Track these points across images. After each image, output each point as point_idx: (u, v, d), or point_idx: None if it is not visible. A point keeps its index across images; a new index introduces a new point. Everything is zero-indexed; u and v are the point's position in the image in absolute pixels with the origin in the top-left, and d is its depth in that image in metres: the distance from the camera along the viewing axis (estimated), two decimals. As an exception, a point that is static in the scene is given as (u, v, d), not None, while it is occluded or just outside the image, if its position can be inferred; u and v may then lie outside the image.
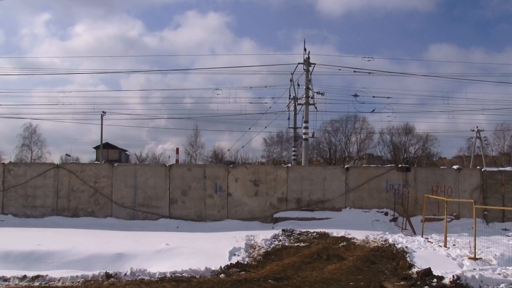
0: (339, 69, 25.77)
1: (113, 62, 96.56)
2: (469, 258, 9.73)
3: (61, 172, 16.08)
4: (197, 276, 8.37)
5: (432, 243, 11.65)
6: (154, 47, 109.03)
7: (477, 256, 9.82)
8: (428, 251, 10.62)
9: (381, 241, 11.89)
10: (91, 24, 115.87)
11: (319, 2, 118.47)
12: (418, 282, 7.88)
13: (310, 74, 24.19)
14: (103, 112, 38.23)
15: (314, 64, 24.05)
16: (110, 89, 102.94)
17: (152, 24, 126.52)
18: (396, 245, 11.12)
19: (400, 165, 16.76)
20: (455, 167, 17.11)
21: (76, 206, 15.97)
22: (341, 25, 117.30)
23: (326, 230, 13.45)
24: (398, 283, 8.01)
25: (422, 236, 12.63)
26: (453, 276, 7.84)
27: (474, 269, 8.70)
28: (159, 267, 8.94)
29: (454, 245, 11.34)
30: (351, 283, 8.06)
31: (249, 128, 27.47)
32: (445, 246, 11.13)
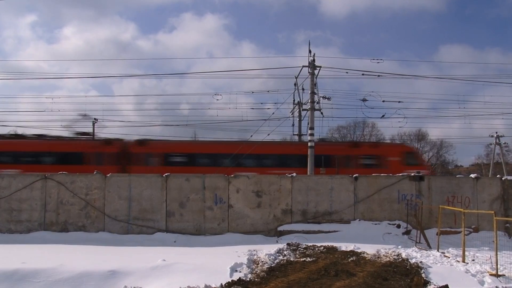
0: (346, 72, 25.56)
1: (105, 66, 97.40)
2: (490, 275, 9.58)
3: (49, 184, 16.04)
4: (195, 295, 8.27)
5: (449, 258, 11.53)
6: (148, 51, 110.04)
7: (499, 273, 9.65)
8: (445, 267, 10.51)
9: (394, 255, 11.78)
10: (80, 27, 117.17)
11: (322, 3, 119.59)
12: (435, 301, 7.77)
13: (316, 78, 24.17)
14: (94, 119, 38.28)
15: (320, 67, 24.01)
16: (102, 94, 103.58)
17: (146, 26, 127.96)
18: (409, 260, 11.02)
19: (412, 174, 16.64)
20: (472, 175, 16.93)
21: (66, 220, 15.89)
22: (345, 27, 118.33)
23: (334, 244, 13.38)
24: (413, 302, 7.89)
25: (437, 251, 12.51)
26: (473, 294, 7.72)
27: (496, 287, 8.60)
28: (155, 285, 8.87)
29: (473, 260, 11.23)
30: (362, 302, 7.95)
31: (251, 136, 27.35)
32: (463, 261, 11.00)
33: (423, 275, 9.61)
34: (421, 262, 10.76)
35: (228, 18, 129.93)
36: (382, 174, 17.04)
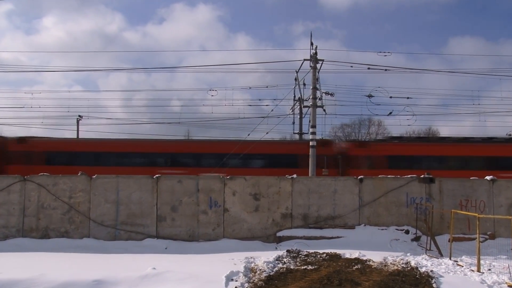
0: (351, 66, 25.51)
1: (89, 60, 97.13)
2: (508, 286, 9.56)
3: (29, 186, 15.93)
4: (188, 307, 8.22)
5: (462, 266, 11.50)
6: (137, 44, 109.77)
7: (518, 283, 9.63)
8: (458, 277, 10.47)
9: (402, 263, 11.77)
10: (62, 17, 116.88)
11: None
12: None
13: (318, 72, 24.11)
14: (79, 116, 38.25)
15: (322, 60, 23.97)
16: (87, 90, 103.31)
17: (133, 17, 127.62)
18: (419, 269, 11.00)
19: (422, 176, 16.59)
20: (488, 177, 16.85)
21: (47, 226, 15.79)
22: (347, 19, 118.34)
23: (338, 251, 13.35)
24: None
25: (450, 259, 12.47)
26: (489, 306, 7.67)
27: (514, 298, 8.54)
28: (144, 296, 8.80)
29: (489, 269, 11.19)
30: (369, 314, 7.90)
31: (248, 134, 27.28)
32: (478, 270, 10.97)
33: (434, 285, 9.60)
34: (432, 271, 10.71)
35: (222, 9, 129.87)
36: (389, 176, 17.00)
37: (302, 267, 11.47)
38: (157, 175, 16.31)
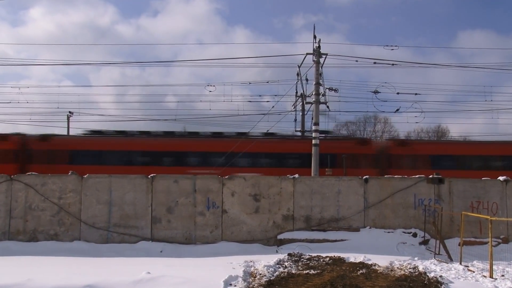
0: (356, 61, 25.47)
1: (80, 53, 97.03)
2: (522, 292, 9.50)
3: (16, 186, 15.87)
4: (184, 314, 8.20)
5: (473, 272, 11.45)
6: (130, 37, 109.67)
7: (533, 290, 9.59)
8: (469, 282, 10.43)
9: (409, 268, 11.73)
10: (50, 8, 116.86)
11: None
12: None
13: (321, 67, 24.05)
14: (69, 112, 38.25)
15: (326, 54, 23.95)
16: (77, 85, 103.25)
17: (126, 9, 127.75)
18: (427, 274, 10.97)
19: (431, 176, 16.57)
20: (501, 178, 16.78)
21: (35, 228, 15.75)
22: (350, 11, 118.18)
23: (341, 255, 13.37)
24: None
25: (460, 264, 12.42)
26: (503, 314, 7.62)
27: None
28: (137, 302, 8.77)
29: (502, 275, 11.14)
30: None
31: (248, 132, 27.27)
32: (490, 276, 10.91)
33: (443, 291, 9.55)
34: (441, 276, 10.70)
35: (219, 1, 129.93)
36: (396, 176, 16.98)
37: (304, 272, 11.46)
38: (152, 175, 16.26)
